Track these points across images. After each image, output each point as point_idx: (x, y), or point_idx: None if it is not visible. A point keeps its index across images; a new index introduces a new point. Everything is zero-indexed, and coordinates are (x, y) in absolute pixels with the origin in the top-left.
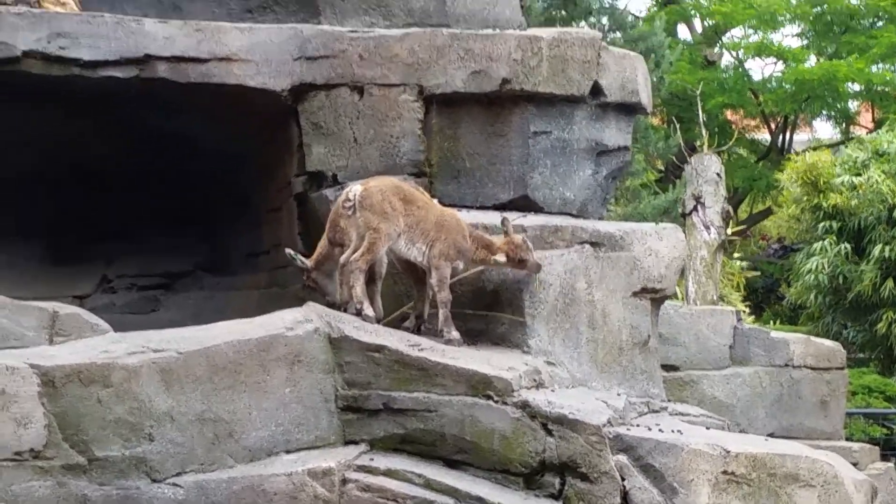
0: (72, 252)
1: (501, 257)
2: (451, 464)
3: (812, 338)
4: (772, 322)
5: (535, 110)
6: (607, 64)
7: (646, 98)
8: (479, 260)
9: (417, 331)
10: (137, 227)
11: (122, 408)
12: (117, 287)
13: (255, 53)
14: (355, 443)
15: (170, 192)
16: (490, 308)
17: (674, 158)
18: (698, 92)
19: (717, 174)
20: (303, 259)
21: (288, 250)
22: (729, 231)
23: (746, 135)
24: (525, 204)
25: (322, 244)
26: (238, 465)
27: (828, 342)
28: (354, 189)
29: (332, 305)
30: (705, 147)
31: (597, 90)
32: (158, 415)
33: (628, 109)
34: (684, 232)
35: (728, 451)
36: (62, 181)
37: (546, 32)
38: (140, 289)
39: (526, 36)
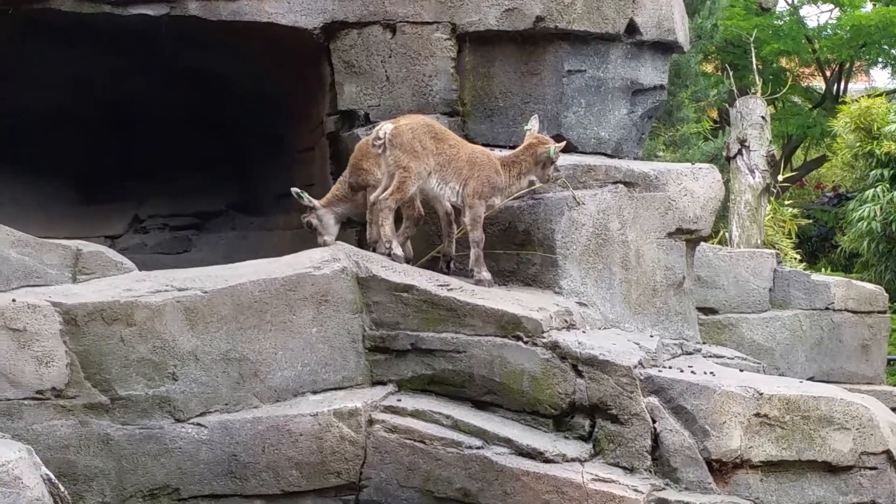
0: (103, 192)
1: (543, 149)
2: (480, 405)
3: (854, 281)
4: (824, 270)
5: (569, 49)
6: (643, 2)
7: (682, 37)
8: (517, 176)
9: (447, 268)
10: (169, 167)
11: (145, 347)
12: (149, 227)
13: None
14: (383, 383)
15: (202, 132)
16: (522, 248)
17: (727, 105)
18: (752, 39)
19: (763, 117)
20: (311, 198)
21: (294, 189)
22: (780, 178)
23: (801, 82)
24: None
25: (338, 187)
26: (263, 405)
27: (869, 285)
28: (385, 128)
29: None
30: (758, 94)
31: (632, 28)
32: (182, 354)
33: (664, 48)
34: (729, 176)
35: (761, 394)
36: (94, 120)
37: None
38: (172, 229)
39: None
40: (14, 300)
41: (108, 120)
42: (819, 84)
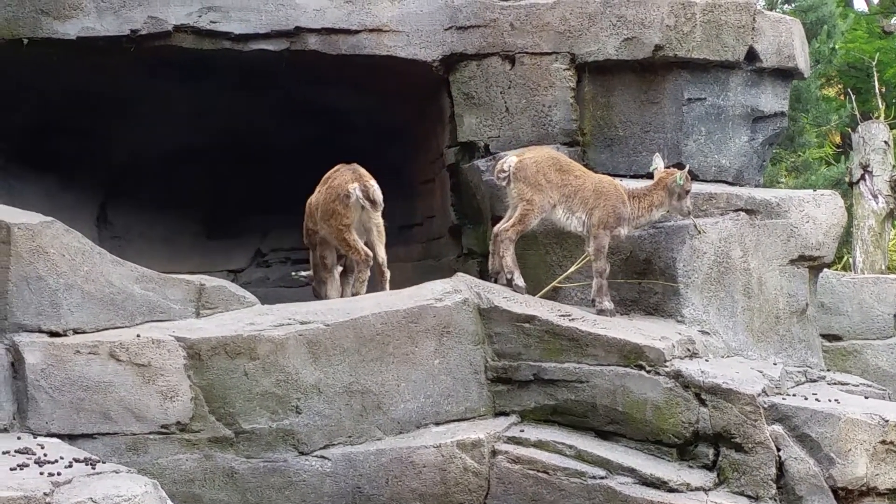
0: (226, 226)
1: (671, 179)
2: (603, 435)
3: None
4: None
5: (688, 77)
6: (762, 29)
7: (803, 63)
8: (647, 208)
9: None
10: (291, 201)
11: (268, 380)
12: (271, 261)
13: (406, 24)
14: (505, 414)
15: (323, 165)
16: (643, 277)
17: (849, 130)
18: (874, 62)
19: (885, 142)
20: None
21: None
22: None
23: None
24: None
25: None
26: (386, 437)
27: None
28: (509, 160)
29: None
30: (881, 118)
31: (752, 55)
32: (305, 387)
33: (784, 74)
34: (852, 201)
35: (887, 421)
36: (217, 156)
37: None
38: (294, 262)
39: (679, 1)
40: (139, 335)
41: (230, 155)
42: None
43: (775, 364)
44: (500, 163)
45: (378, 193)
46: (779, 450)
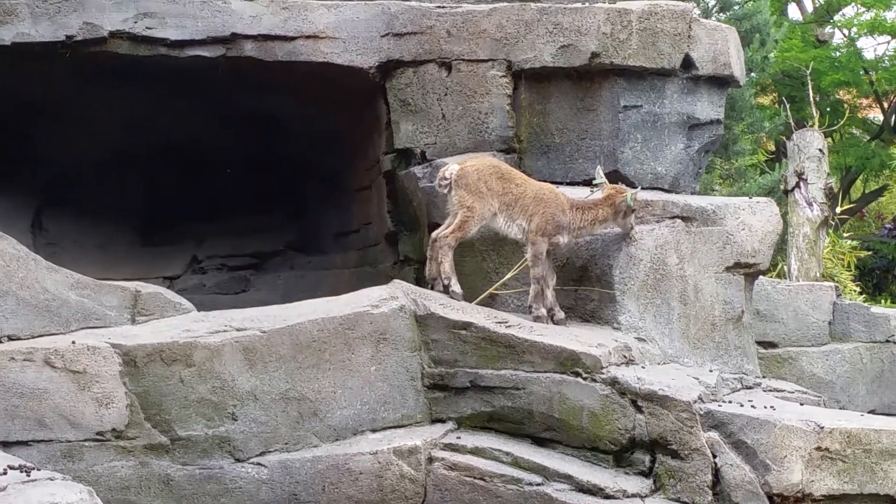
0: (162, 233)
1: (620, 198)
2: (540, 441)
3: None
4: (884, 302)
5: (625, 84)
6: (699, 36)
7: (738, 71)
8: (591, 222)
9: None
10: (227, 208)
11: (204, 387)
12: (207, 267)
13: (342, 31)
14: (442, 421)
15: (260, 172)
16: (579, 284)
17: (783, 138)
18: (809, 71)
19: (820, 150)
20: None
21: None
22: (839, 210)
23: (859, 114)
24: (616, 179)
25: None
26: (323, 444)
27: None
28: (451, 168)
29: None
30: (815, 126)
31: (688, 63)
32: (242, 394)
33: (720, 82)
34: (786, 209)
35: (822, 427)
36: (152, 162)
37: (636, 5)
38: (230, 269)
39: (615, 9)
40: (74, 342)
41: (166, 162)
42: (877, 115)
43: (711, 371)
44: (441, 170)
45: None
46: (715, 456)
